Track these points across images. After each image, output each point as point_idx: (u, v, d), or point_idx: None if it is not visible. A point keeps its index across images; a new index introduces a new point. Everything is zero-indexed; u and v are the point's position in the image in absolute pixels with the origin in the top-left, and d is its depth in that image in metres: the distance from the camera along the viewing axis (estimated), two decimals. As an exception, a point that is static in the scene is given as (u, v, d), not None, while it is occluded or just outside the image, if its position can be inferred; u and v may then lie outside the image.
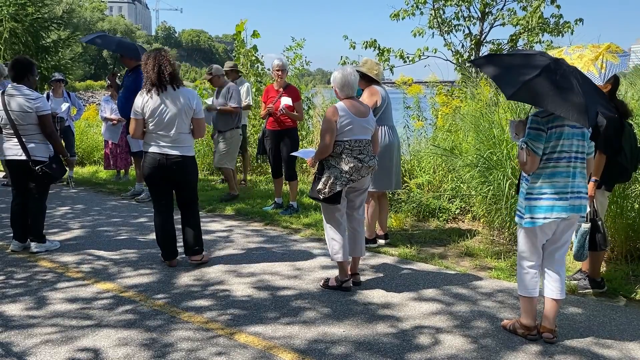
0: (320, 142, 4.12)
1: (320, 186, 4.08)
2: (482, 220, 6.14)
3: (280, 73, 6.72)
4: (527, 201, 3.32)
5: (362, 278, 4.53)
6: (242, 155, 8.50)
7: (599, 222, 4.02)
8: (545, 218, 3.27)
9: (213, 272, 4.72)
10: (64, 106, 8.49)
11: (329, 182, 4.05)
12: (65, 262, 4.93)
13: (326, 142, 4.03)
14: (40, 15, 14.36)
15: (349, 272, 4.39)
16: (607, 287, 4.33)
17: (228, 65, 8.22)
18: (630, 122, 4.32)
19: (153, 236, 5.75)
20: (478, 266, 4.98)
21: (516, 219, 3.46)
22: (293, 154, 5.46)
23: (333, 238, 4.24)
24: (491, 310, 3.95)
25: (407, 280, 4.55)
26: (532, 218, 3.30)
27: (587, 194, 3.39)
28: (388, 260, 5.09)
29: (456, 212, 6.44)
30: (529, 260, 3.46)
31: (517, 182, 3.56)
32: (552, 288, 3.46)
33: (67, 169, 5.47)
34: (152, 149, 4.59)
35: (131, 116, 4.62)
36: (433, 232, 5.98)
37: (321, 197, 4.09)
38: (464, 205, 6.46)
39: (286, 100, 6.56)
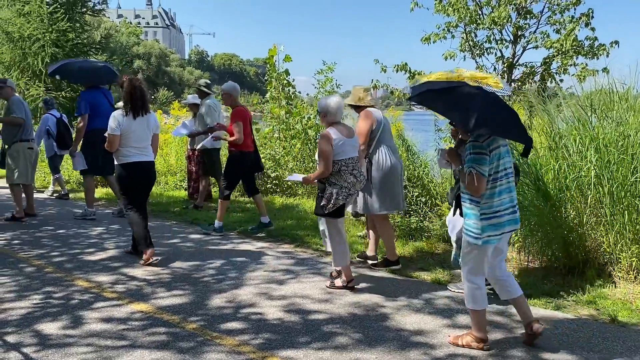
0: (321, 164, 4.58)
1: (324, 202, 4.63)
2: (516, 246, 6.03)
3: (223, 96, 6.98)
4: (482, 221, 3.49)
5: (394, 304, 4.49)
6: (203, 178, 8.53)
7: None
8: (502, 234, 3.53)
9: (244, 294, 4.74)
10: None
11: (332, 197, 4.59)
12: (100, 282, 5.02)
13: (327, 162, 4.55)
14: (80, 41, 14.86)
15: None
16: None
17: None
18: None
19: (187, 256, 5.85)
20: (513, 293, 4.87)
21: (470, 239, 3.58)
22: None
23: (339, 246, 4.75)
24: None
25: (440, 306, 4.48)
26: (489, 236, 3.50)
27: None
28: (420, 286, 5.02)
29: (489, 237, 6.33)
30: (480, 275, 3.64)
31: (455, 205, 3.94)
32: (513, 288, 3.73)
33: None
34: (134, 159, 5.56)
35: (110, 133, 5.46)
36: (466, 257, 5.88)
37: (326, 211, 4.63)
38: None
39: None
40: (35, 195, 9.99)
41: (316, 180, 4.74)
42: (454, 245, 4.72)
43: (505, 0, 9.89)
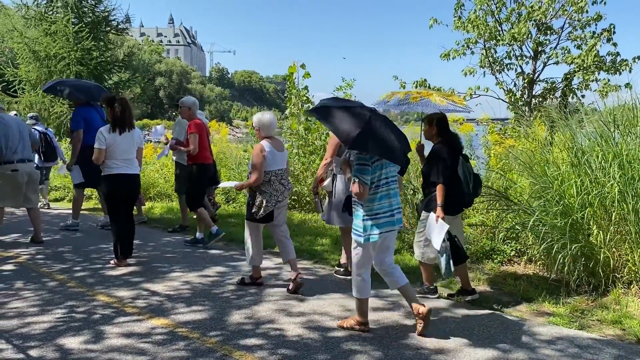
0: (254, 173, 5.03)
1: (255, 209, 5.08)
2: (538, 263, 5.94)
3: (181, 109, 7.19)
4: (365, 222, 4.05)
5: (414, 322, 4.44)
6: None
7: (456, 238, 4.79)
8: (381, 233, 4.05)
9: (264, 310, 4.74)
10: None
11: (263, 204, 5.04)
12: (121, 297, 5.06)
13: (259, 172, 5.00)
14: (103, 59, 15.18)
15: (292, 277, 5.26)
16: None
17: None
18: (466, 155, 5.05)
19: (207, 272, 5.89)
20: (535, 311, 4.80)
21: (355, 237, 4.13)
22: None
23: (254, 247, 5.27)
24: (550, 359, 3.78)
25: (461, 325, 4.43)
26: (370, 235, 4.03)
27: (401, 208, 4.26)
28: (441, 304, 4.97)
29: (511, 254, 6.25)
30: (364, 269, 4.17)
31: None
32: (399, 278, 4.23)
33: None
34: (118, 171, 6.04)
35: (96, 147, 5.97)
36: (488, 275, 5.82)
37: (257, 217, 5.09)
38: (519, 247, 6.27)
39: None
40: (59, 210, 10.18)
41: (248, 189, 5.19)
42: (440, 256, 4.77)
43: (525, 16, 9.88)
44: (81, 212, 10.01)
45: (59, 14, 14.87)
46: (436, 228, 4.70)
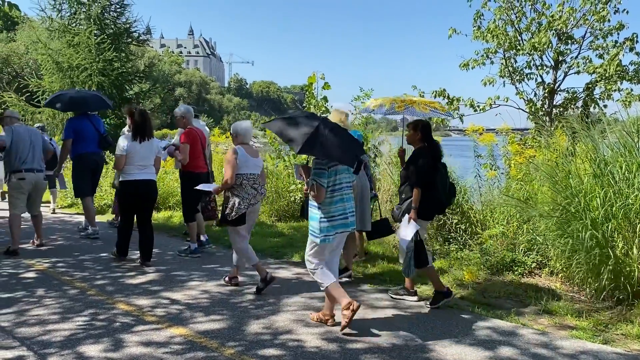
0: (225, 176, 5.32)
1: (227, 211, 5.32)
2: (560, 275, 5.84)
3: (176, 119, 7.30)
4: (321, 224, 4.38)
5: (434, 334, 4.40)
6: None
7: (423, 242, 4.96)
8: (335, 234, 4.41)
9: (282, 320, 4.72)
10: None
11: (235, 207, 5.30)
12: (140, 306, 5.08)
13: (229, 175, 5.28)
14: (125, 70, 15.39)
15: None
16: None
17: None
18: (444, 163, 5.27)
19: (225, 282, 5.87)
20: (557, 324, 4.71)
21: (311, 237, 4.48)
22: (197, 187, 6.18)
23: (244, 249, 5.52)
24: (575, 373, 3.70)
25: (481, 337, 4.36)
26: (326, 236, 4.38)
27: (354, 212, 4.58)
28: (461, 316, 4.91)
29: (532, 266, 6.16)
30: (318, 260, 4.49)
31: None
32: (336, 274, 4.60)
33: None
34: (135, 177, 6.45)
35: (117, 153, 6.43)
36: (508, 287, 5.73)
37: (230, 219, 5.31)
38: (540, 259, 6.17)
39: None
40: (81, 218, 10.29)
41: (224, 192, 5.44)
42: (403, 253, 4.99)
43: (545, 25, 9.80)
44: (99, 220, 10.12)
45: (82, 26, 15.14)
46: (407, 227, 4.97)
